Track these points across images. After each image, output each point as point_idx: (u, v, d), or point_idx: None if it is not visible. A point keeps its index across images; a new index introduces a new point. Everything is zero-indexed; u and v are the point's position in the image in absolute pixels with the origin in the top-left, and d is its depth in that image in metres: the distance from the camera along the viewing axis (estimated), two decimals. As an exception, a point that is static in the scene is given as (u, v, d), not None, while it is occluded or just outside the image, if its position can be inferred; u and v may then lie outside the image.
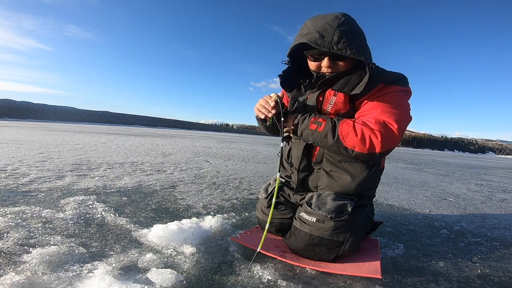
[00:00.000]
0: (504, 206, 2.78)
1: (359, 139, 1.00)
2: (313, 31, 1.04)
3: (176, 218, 1.55)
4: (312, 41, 1.03)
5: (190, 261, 1.07)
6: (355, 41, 1.02)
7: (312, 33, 1.04)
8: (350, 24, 1.04)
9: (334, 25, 1.02)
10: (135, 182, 2.44)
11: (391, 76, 1.09)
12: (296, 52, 1.17)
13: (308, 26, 1.07)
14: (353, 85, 1.05)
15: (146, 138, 9.94)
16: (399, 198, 2.74)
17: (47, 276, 0.88)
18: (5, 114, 35.84)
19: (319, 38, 1.02)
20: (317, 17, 1.08)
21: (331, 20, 1.03)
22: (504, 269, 1.25)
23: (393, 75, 1.09)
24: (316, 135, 1.06)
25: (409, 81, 1.13)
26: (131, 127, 35.12)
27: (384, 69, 1.14)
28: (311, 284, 0.98)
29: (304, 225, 1.09)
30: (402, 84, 1.09)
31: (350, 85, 1.06)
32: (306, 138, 1.11)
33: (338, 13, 1.06)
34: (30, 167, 2.73)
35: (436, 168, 7.02)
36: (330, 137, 1.04)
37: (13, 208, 1.49)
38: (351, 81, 1.06)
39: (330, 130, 1.04)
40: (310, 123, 1.08)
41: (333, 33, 1.01)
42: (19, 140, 5.56)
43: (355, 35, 1.04)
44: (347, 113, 1.11)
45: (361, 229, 1.14)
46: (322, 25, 1.03)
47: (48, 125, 17.47)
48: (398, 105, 1.06)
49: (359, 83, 1.04)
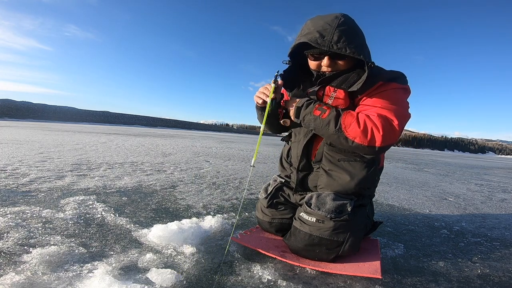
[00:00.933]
0: (504, 206, 2.78)
1: (361, 131, 1.00)
2: (313, 30, 1.05)
3: (176, 218, 1.55)
4: (313, 41, 1.04)
5: (190, 261, 1.07)
6: (354, 41, 1.04)
7: (312, 32, 1.05)
8: (350, 24, 1.06)
9: (334, 25, 1.03)
10: (135, 182, 2.44)
11: (390, 74, 1.10)
12: (297, 52, 1.18)
13: (308, 26, 1.09)
14: (351, 83, 1.06)
15: (146, 138, 9.94)
16: (399, 198, 2.74)
17: (47, 276, 0.88)
18: (5, 114, 35.84)
19: (319, 38, 1.03)
20: (317, 18, 1.09)
21: (331, 20, 1.05)
22: (504, 269, 1.25)
23: (392, 73, 1.10)
24: (318, 121, 1.06)
25: (408, 79, 1.13)
26: (131, 127, 35.12)
27: (383, 68, 1.15)
28: (311, 284, 0.98)
29: (304, 225, 1.09)
30: (401, 82, 1.10)
31: (348, 82, 1.07)
32: (308, 123, 1.10)
33: (338, 13, 1.08)
34: (30, 167, 2.73)
35: (436, 168, 7.02)
36: (332, 125, 1.03)
37: (13, 208, 1.49)
38: (349, 78, 1.08)
39: (334, 118, 1.04)
40: (314, 108, 1.07)
41: (333, 33, 1.02)
42: (19, 140, 5.56)
43: (355, 34, 1.06)
44: (347, 109, 1.11)
45: (361, 229, 1.14)
46: (322, 25, 1.05)
47: (48, 125, 17.47)
48: (397, 101, 1.06)
49: (357, 81, 1.05)
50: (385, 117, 1.01)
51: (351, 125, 1.01)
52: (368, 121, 1.01)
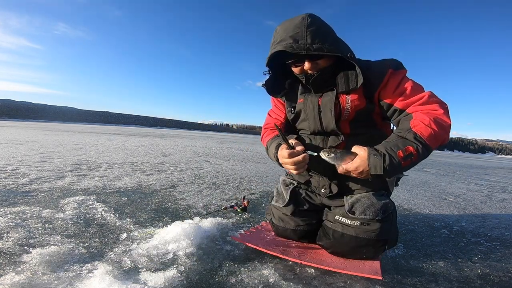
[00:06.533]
0: (504, 206, 2.78)
1: (435, 128, 0.99)
2: (286, 37, 1.04)
3: (176, 218, 1.55)
4: (288, 47, 1.03)
5: (190, 261, 1.06)
6: (327, 38, 1.04)
7: (285, 39, 1.04)
8: (318, 23, 1.05)
9: (303, 28, 1.03)
10: (135, 182, 2.44)
11: (390, 62, 1.11)
12: (274, 59, 1.15)
13: (279, 33, 1.08)
14: (355, 80, 1.07)
15: (146, 138, 9.94)
16: (399, 198, 2.74)
17: (47, 276, 0.88)
18: (5, 114, 35.83)
19: (293, 43, 1.03)
20: (286, 23, 1.09)
21: (299, 22, 1.04)
22: (504, 269, 1.25)
23: (392, 61, 1.12)
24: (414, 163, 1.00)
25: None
26: (131, 127, 35.12)
27: (369, 60, 1.17)
28: (311, 284, 0.98)
29: (347, 229, 1.10)
30: (403, 67, 1.13)
31: (352, 81, 1.08)
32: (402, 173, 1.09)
33: (304, 14, 1.07)
34: (30, 167, 2.73)
35: (436, 168, 7.02)
36: (425, 151, 0.99)
37: (13, 208, 1.49)
38: (350, 77, 1.08)
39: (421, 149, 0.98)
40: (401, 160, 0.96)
41: (306, 36, 1.02)
42: (19, 140, 5.56)
43: (325, 32, 1.06)
44: (365, 108, 1.12)
45: (396, 221, 1.17)
46: (292, 29, 1.04)
47: (48, 125, 17.47)
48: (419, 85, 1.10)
49: (357, 76, 1.06)
50: (436, 101, 1.06)
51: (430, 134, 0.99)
52: (428, 118, 1.01)
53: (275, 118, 1.40)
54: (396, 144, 0.98)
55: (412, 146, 0.97)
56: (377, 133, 1.19)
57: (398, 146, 0.97)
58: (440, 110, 1.03)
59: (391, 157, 0.95)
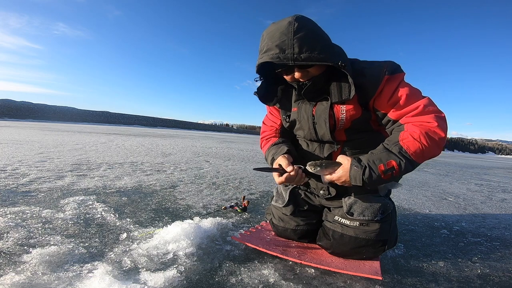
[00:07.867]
0: (504, 206, 2.78)
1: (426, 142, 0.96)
2: (272, 46, 0.97)
3: (176, 218, 1.55)
4: (275, 58, 0.97)
5: (190, 261, 1.06)
6: (317, 45, 0.96)
7: (272, 48, 0.97)
8: (306, 27, 0.97)
9: (290, 35, 0.95)
10: (135, 182, 2.44)
11: (386, 66, 1.03)
12: (264, 66, 1.09)
13: (266, 42, 1.01)
14: (348, 90, 1.02)
15: (146, 138, 9.94)
16: (399, 198, 2.74)
17: (47, 276, 0.88)
18: (5, 114, 35.84)
19: (280, 53, 0.96)
20: (271, 28, 1.01)
21: (285, 28, 0.96)
22: (504, 269, 1.25)
23: (388, 65, 1.04)
24: (396, 177, 1.00)
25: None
26: (131, 127, 35.11)
27: (365, 60, 1.11)
28: (311, 284, 0.98)
29: (347, 229, 1.10)
30: (401, 70, 1.06)
31: (345, 92, 1.04)
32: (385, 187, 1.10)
33: (290, 18, 0.98)
34: (30, 167, 2.73)
35: (436, 168, 7.02)
36: (409, 166, 0.97)
37: (13, 208, 1.49)
38: (343, 88, 1.04)
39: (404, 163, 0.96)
40: (382, 174, 0.96)
41: (293, 44, 0.94)
42: (19, 140, 5.55)
43: (314, 38, 0.97)
44: (362, 117, 1.09)
45: (396, 222, 1.17)
46: (278, 37, 0.96)
47: (48, 125, 17.47)
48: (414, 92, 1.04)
49: (350, 86, 1.01)
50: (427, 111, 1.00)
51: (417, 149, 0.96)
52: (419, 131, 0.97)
53: (270, 125, 1.40)
54: (379, 158, 0.98)
55: (395, 161, 0.96)
56: (374, 136, 1.16)
57: (381, 160, 0.97)
58: (434, 123, 0.98)
59: (371, 170, 0.96)
